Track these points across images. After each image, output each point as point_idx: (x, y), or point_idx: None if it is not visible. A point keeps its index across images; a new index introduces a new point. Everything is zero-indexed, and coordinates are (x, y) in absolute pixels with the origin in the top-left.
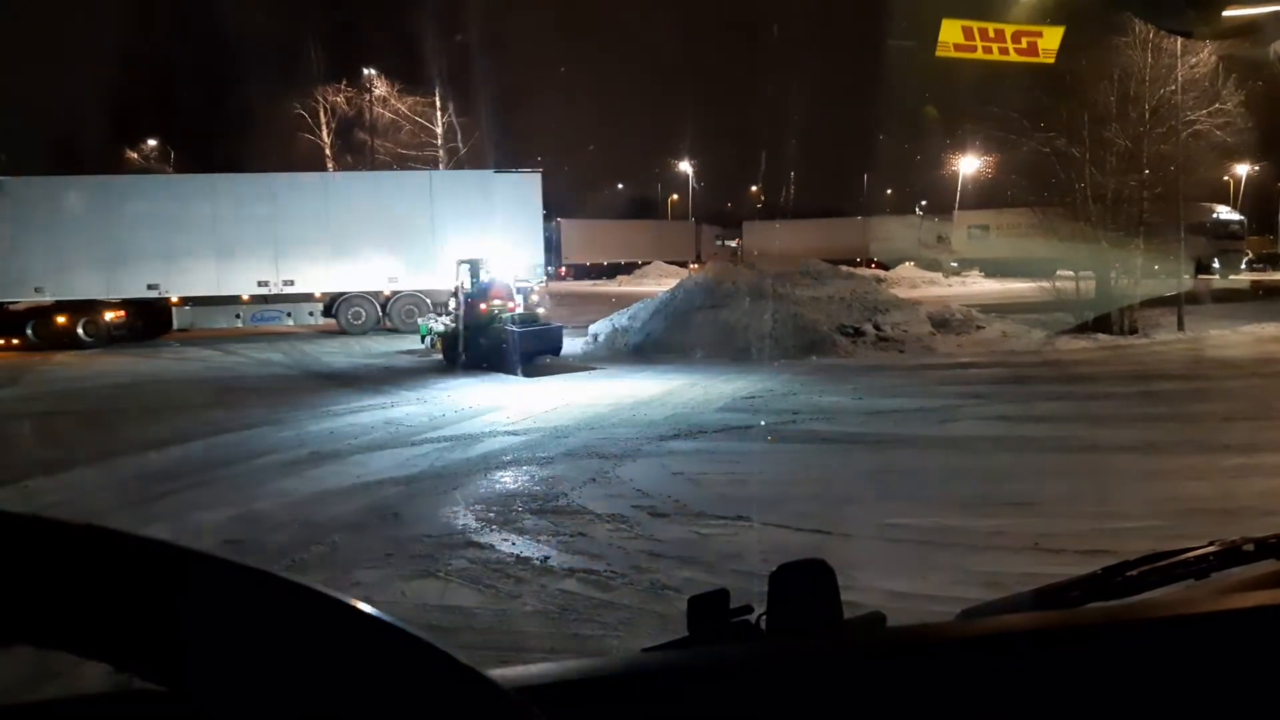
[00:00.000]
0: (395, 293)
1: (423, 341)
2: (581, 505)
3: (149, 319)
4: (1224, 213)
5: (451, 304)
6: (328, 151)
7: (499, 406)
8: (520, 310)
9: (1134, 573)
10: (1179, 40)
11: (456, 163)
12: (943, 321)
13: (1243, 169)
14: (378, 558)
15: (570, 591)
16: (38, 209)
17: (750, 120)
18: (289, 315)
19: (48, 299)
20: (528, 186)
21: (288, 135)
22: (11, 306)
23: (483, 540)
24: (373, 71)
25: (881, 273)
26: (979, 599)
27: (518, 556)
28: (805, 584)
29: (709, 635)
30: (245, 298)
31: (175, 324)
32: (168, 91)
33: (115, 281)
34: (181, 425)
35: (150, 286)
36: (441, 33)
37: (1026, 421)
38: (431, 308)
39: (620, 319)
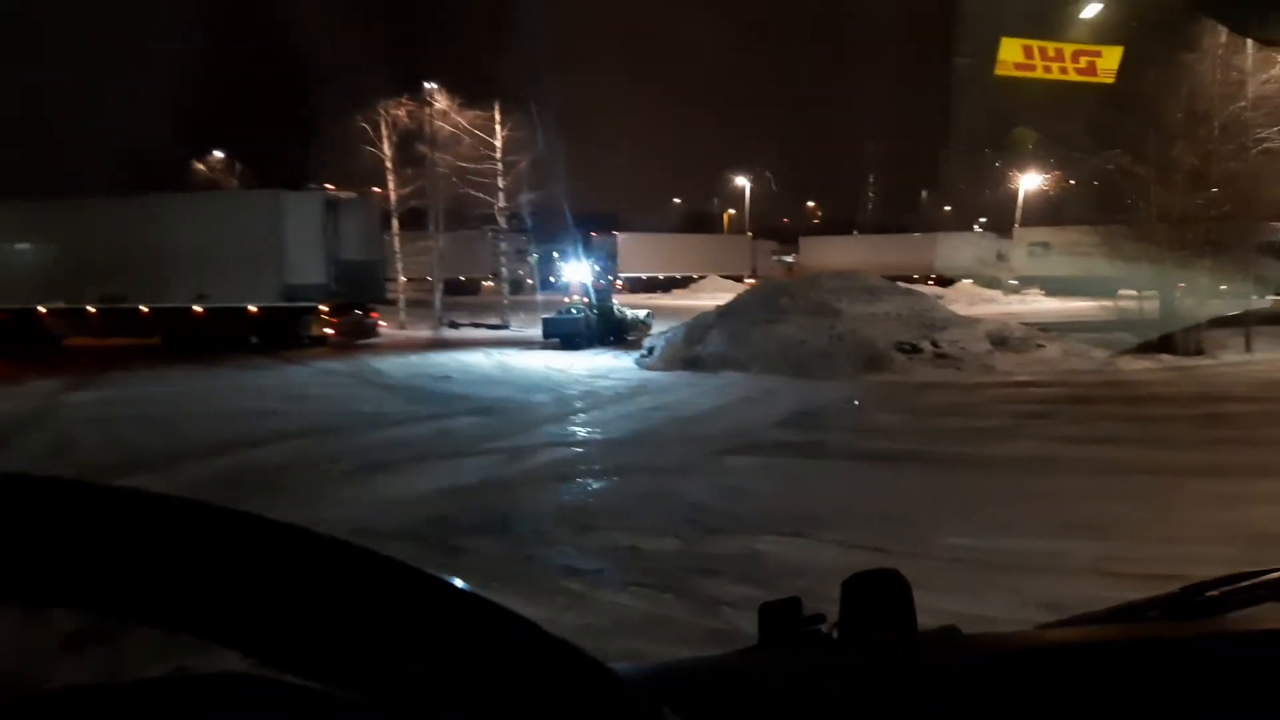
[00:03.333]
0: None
1: None
2: (635, 520)
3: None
4: None
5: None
6: (389, 165)
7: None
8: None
9: (1215, 593)
10: (1250, 56)
11: (515, 176)
12: (1002, 339)
13: None
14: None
15: (623, 604)
16: None
17: (811, 135)
18: None
19: None
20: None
21: (351, 148)
22: None
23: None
24: (434, 85)
25: (940, 289)
26: (1037, 621)
27: (568, 568)
28: (878, 593)
29: (780, 643)
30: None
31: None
32: (234, 104)
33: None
34: None
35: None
36: (503, 46)
37: (1088, 443)
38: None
39: (676, 331)
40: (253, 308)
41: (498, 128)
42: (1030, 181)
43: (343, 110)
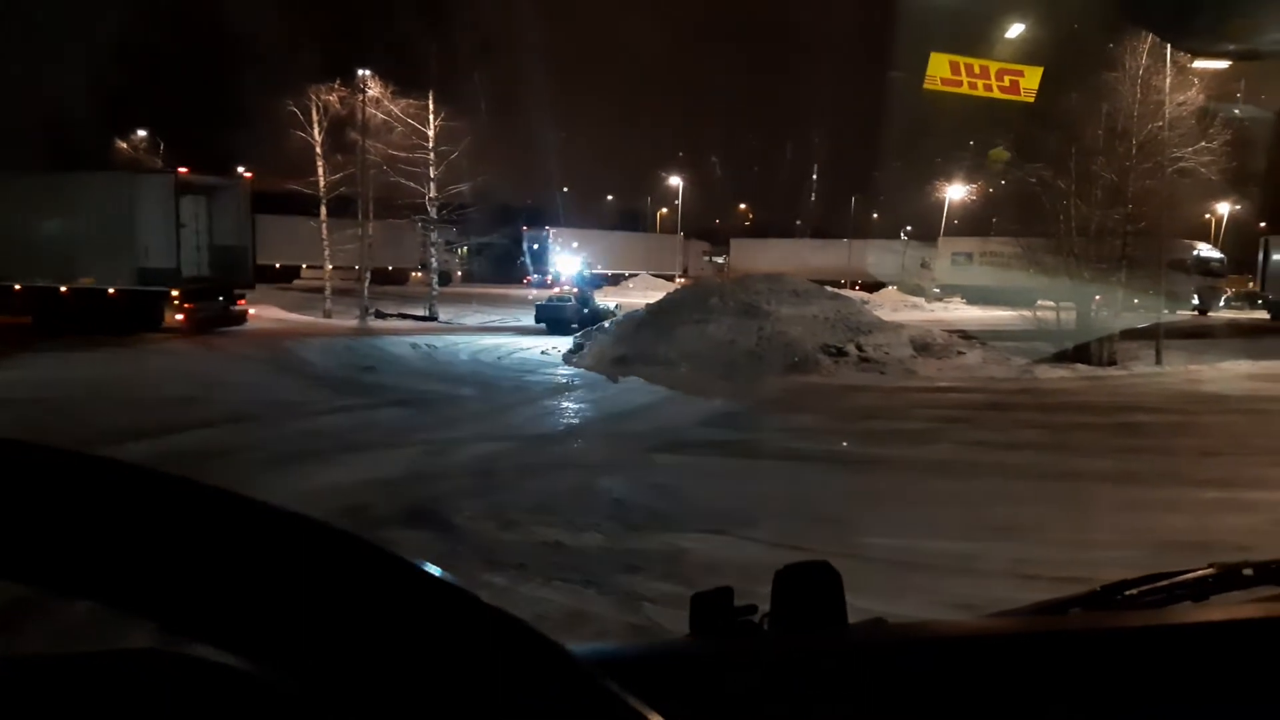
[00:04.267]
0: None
1: None
2: (558, 517)
3: None
4: (1205, 250)
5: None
6: (318, 150)
7: None
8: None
9: (1133, 591)
10: (1168, 78)
11: (449, 166)
12: (924, 345)
13: (1224, 208)
14: None
15: (545, 599)
16: None
17: (745, 138)
18: None
19: None
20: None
21: (280, 132)
22: None
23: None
24: (367, 72)
25: (866, 295)
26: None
27: (491, 562)
28: (810, 585)
29: (711, 633)
30: None
31: None
32: (159, 83)
33: None
34: None
35: None
36: (437, 37)
37: (1005, 448)
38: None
39: (605, 328)
40: (111, 290)
41: (431, 117)
42: (955, 192)
43: (272, 93)
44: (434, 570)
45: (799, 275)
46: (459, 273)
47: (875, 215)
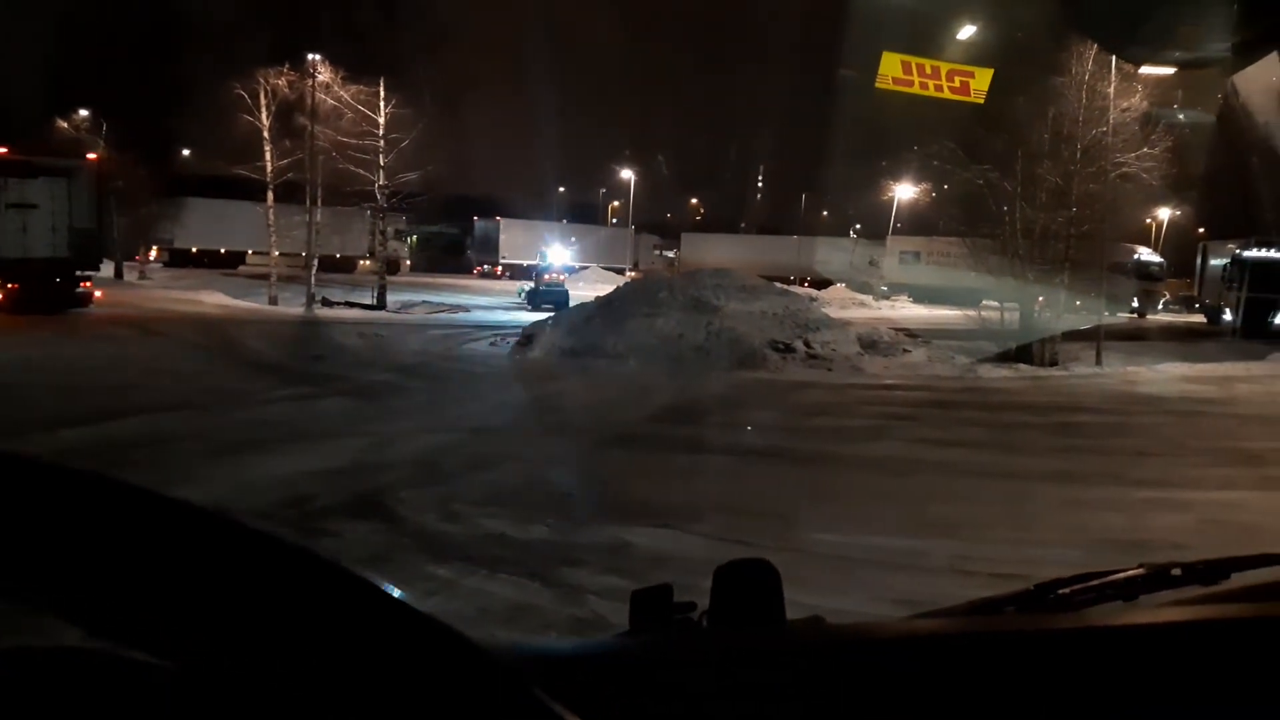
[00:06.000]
0: None
1: None
2: (504, 509)
3: None
4: (1145, 254)
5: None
6: (265, 135)
7: None
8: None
9: (1066, 591)
10: (1113, 85)
11: (399, 154)
12: (871, 343)
13: (1165, 214)
14: None
15: (489, 591)
16: None
17: (698, 133)
18: None
19: None
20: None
21: (226, 115)
22: None
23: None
24: (317, 56)
25: (815, 292)
26: (894, 616)
27: (435, 553)
28: (749, 582)
29: (650, 630)
30: None
31: None
32: (103, 63)
33: None
34: None
35: None
36: (389, 23)
37: (948, 446)
38: None
39: (554, 321)
40: None
41: (381, 104)
42: (904, 192)
43: (219, 76)
44: (358, 573)
45: (748, 271)
46: (407, 262)
47: (825, 213)
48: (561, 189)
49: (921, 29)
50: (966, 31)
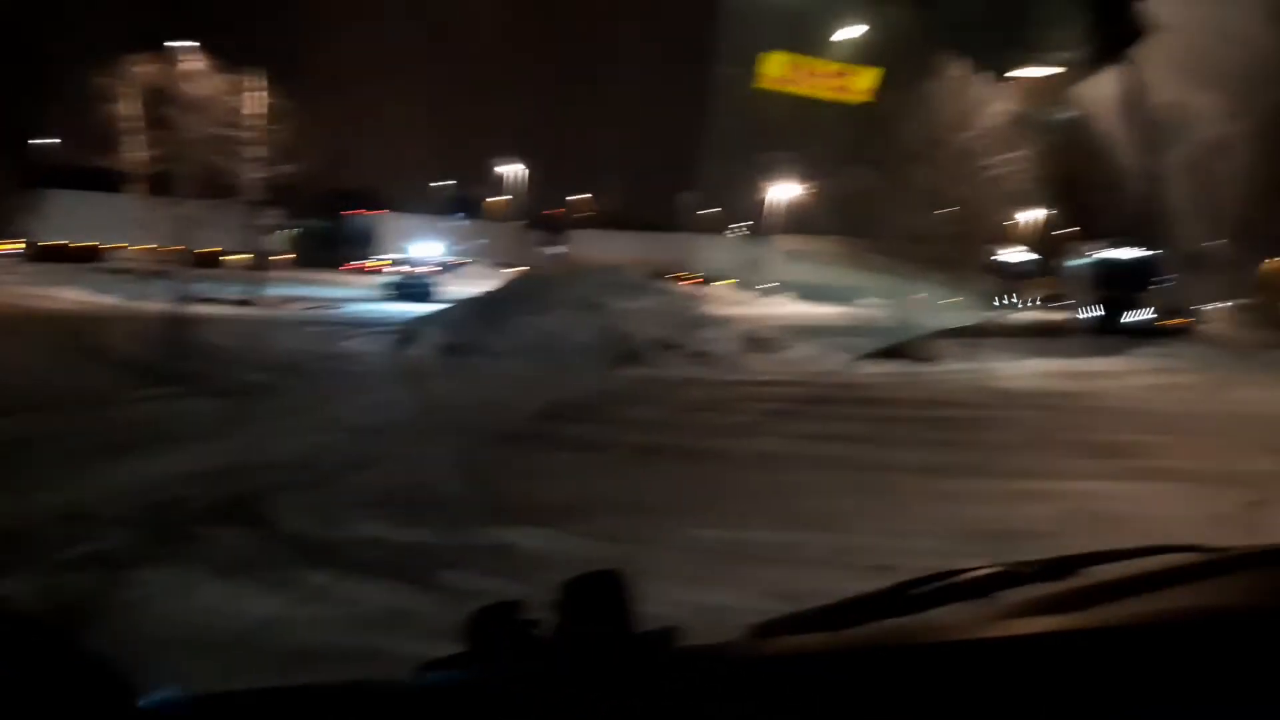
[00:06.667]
0: None
1: None
2: (382, 511)
3: None
4: (1016, 254)
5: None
6: (130, 126)
7: None
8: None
9: (920, 590)
10: (983, 89)
11: (271, 146)
12: (754, 340)
13: (1034, 214)
14: None
15: (366, 597)
16: None
17: (586, 129)
18: None
19: None
20: None
21: (90, 105)
22: None
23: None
24: (184, 44)
25: (700, 289)
26: (774, 610)
27: (311, 559)
28: (598, 595)
29: (490, 650)
30: None
31: None
32: None
33: None
34: None
35: None
36: (263, 12)
37: (827, 440)
38: None
39: (435, 318)
40: None
41: (253, 94)
42: (786, 191)
43: (82, 63)
44: None
45: (636, 267)
46: (280, 256)
47: (711, 210)
48: (447, 184)
49: (805, 28)
50: (848, 33)
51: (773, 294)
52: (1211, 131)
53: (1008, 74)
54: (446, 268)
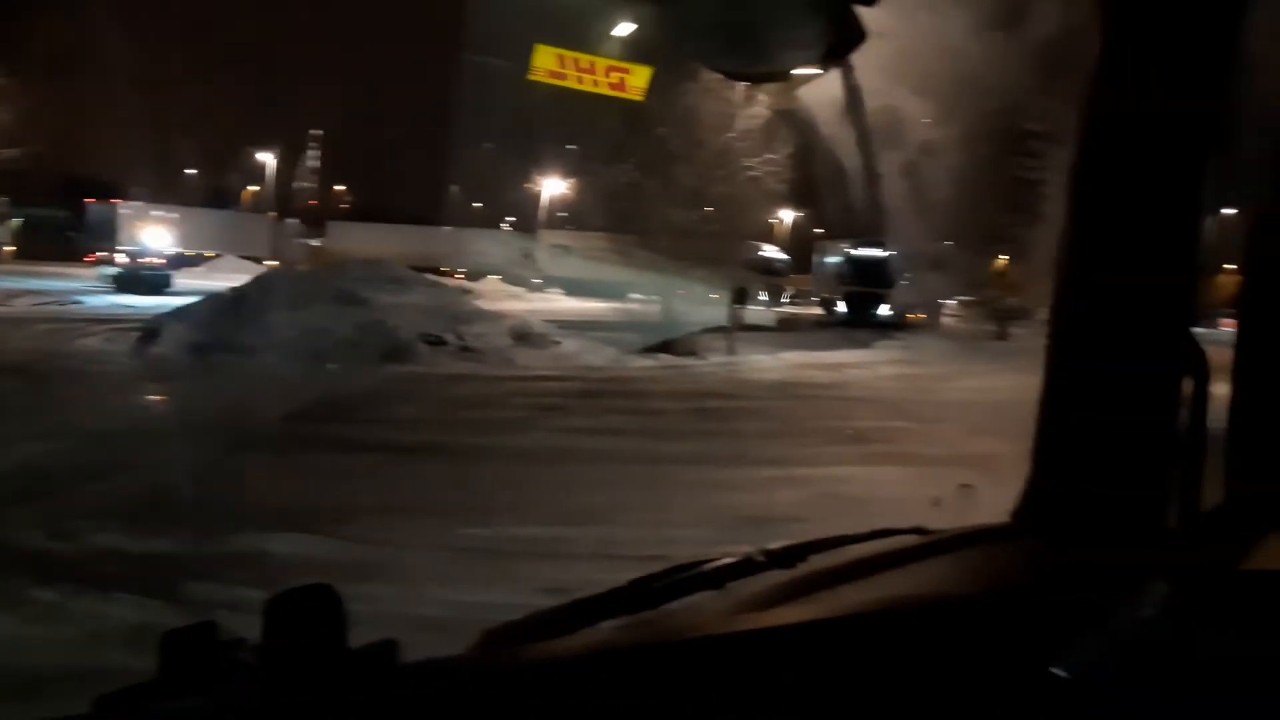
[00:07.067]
0: None
1: None
2: (121, 522)
3: None
4: (770, 251)
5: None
6: None
7: None
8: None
9: (658, 585)
10: (740, 92)
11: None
12: (523, 335)
13: (788, 214)
14: None
15: (104, 614)
16: None
17: (345, 121)
18: None
19: None
20: None
21: None
22: None
23: None
24: None
25: (468, 284)
26: (541, 605)
27: (40, 574)
28: (307, 612)
29: (187, 676)
30: None
31: None
32: None
33: None
34: None
35: None
36: None
37: (595, 434)
38: None
39: (182, 314)
40: None
41: None
42: (555, 186)
43: None
44: None
45: (400, 262)
46: (8, 248)
47: (479, 204)
48: (196, 172)
49: (571, 23)
50: (615, 30)
51: (542, 289)
52: (922, 136)
53: (738, 77)
54: (182, 259)
